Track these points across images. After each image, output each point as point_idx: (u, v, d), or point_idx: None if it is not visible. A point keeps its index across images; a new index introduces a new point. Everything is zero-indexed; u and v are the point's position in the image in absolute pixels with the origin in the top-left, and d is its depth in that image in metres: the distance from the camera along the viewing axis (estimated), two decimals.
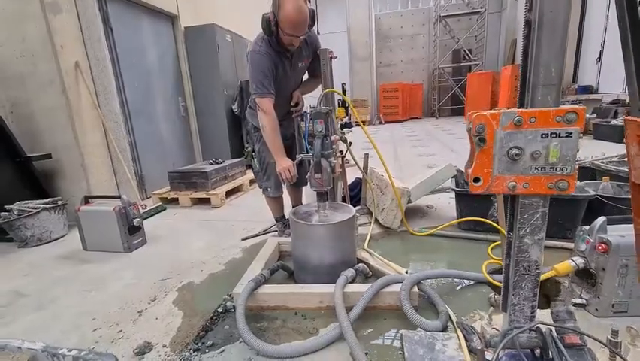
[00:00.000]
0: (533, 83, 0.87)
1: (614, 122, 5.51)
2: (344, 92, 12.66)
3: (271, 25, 1.71)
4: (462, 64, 13.53)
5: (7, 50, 2.83)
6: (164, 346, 1.40)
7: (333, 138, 1.87)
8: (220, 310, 1.60)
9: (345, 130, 10.54)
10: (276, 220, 2.38)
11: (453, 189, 2.29)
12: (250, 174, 3.96)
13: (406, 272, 1.73)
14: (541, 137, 0.86)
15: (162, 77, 4.11)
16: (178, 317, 1.59)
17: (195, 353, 1.34)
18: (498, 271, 1.72)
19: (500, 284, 1.34)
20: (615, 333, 1.00)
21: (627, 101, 6.26)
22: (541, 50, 0.84)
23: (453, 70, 13.79)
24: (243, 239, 2.48)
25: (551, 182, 0.88)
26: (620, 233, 1.34)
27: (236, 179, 3.89)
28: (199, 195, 3.41)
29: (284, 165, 1.85)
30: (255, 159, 2.19)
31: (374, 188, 2.58)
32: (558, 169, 0.87)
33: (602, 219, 1.39)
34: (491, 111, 0.89)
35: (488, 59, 13.02)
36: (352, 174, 3.15)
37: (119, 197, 2.41)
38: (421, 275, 1.57)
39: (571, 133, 0.84)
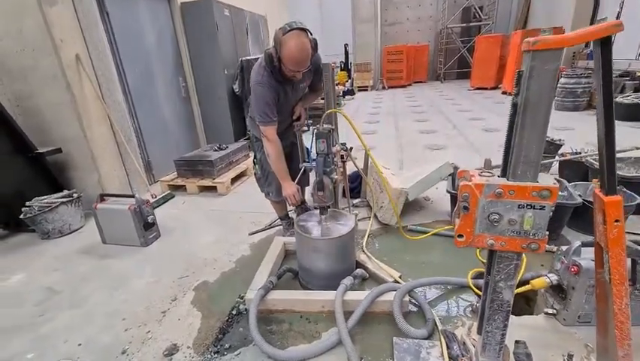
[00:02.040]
0: (515, 159, 0.96)
1: (619, 98, 5.41)
2: (346, 53, 12.26)
3: (274, 61, 1.73)
4: (471, 24, 12.89)
5: (7, 44, 2.81)
6: (188, 347, 1.63)
7: (334, 150, 1.96)
8: (234, 312, 1.82)
9: (347, 98, 10.37)
10: (280, 219, 2.53)
11: (449, 192, 2.42)
12: None
13: (400, 277, 1.93)
14: (518, 207, 0.98)
15: (161, 58, 4.05)
16: (197, 318, 1.82)
17: (216, 356, 1.57)
18: (481, 276, 1.91)
19: (480, 293, 1.53)
20: (570, 357, 1.19)
21: (638, 74, 6.10)
22: (524, 132, 0.93)
23: (461, 30, 13.16)
24: (251, 234, 2.66)
25: (524, 243, 1.01)
26: (592, 257, 1.49)
27: (240, 164, 4.00)
28: (205, 184, 3.55)
29: (289, 192, 1.96)
30: (257, 166, 2.29)
31: (374, 185, 2.71)
32: (531, 234, 1.00)
33: (577, 243, 1.53)
34: (476, 182, 0.99)
35: (500, 18, 12.37)
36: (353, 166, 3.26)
37: (132, 196, 2.56)
38: (411, 285, 1.76)
39: (544, 207, 0.96)
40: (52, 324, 1.86)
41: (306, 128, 5.52)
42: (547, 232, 0.99)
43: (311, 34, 1.68)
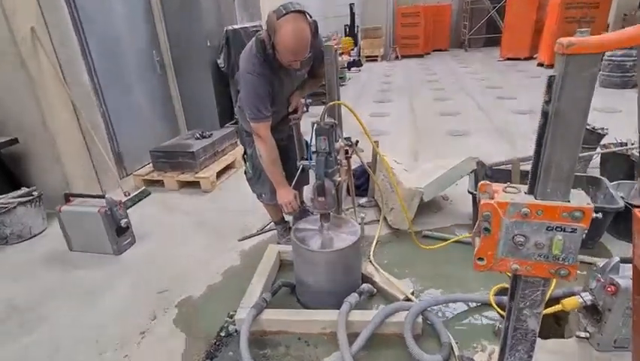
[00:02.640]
0: (544, 174, 0.99)
1: None
2: (352, 15, 12.08)
3: (266, 49, 1.74)
4: None
5: None
6: None
7: (337, 146, 1.99)
8: (223, 333, 1.89)
9: (352, 70, 10.29)
10: (275, 224, 2.58)
11: (470, 193, 2.46)
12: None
13: (412, 293, 1.99)
14: (547, 229, 1.01)
15: (132, 29, 4.02)
16: (181, 340, 1.89)
17: None
18: (506, 292, 1.97)
19: (504, 313, 1.59)
20: None
21: None
22: (555, 145, 0.95)
23: None
24: (241, 240, 2.71)
25: (553, 269, 1.06)
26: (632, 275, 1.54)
27: (226, 154, 4.03)
28: (186, 179, 3.59)
29: (286, 199, 2.00)
30: (248, 163, 2.31)
31: (383, 183, 2.75)
32: (560, 259, 1.04)
33: (615, 259, 1.58)
34: (499, 200, 1.02)
35: None
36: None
37: (102, 197, 2.60)
38: (426, 303, 1.82)
39: (576, 230, 0.99)
40: (11, 347, 1.93)
41: (305, 109, 5.51)
42: (579, 258, 1.03)
43: (310, 16, 1.69)
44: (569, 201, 1.00)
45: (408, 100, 6.69)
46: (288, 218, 2.54)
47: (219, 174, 3.76)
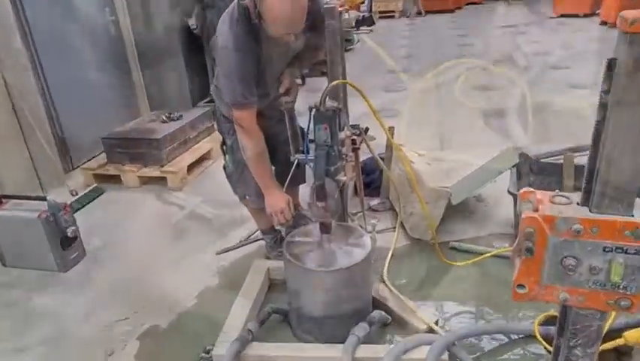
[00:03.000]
0: (601, 183, 1.01)
1: None
2: None
3: (251, 18, 1.74)
4: None
5: None
6: None
7: (342, 136, 2.00)
8: None
9: (362, 30, 10.24)
10: (263, 233, 2.61)
11: (511, 193, 2.48)
12: None
13: (437, 322, 2.02)
14: (604, 250, 1.03)
15: None
16: None
17: None
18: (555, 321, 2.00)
19: (551, 347, 1.62)
20: None
21: None
22: (616, 146, 0.97)
23: None
24: (219, 253, 2.74)
25: (611, 299, 1.08)
26: None
27: (200, 142, 4.05)
28: (150, 173, 3.61)
29: (276, 207, 2.01)
30: (228, 156, 2.32)
31: (400, 181, 2.77)
32: (621, 287, 1.06)
33: None
34: (544, 213, 1.04)
35: None
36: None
37: (43, 198, 2.63)
38: (453, 336, 1.85)
39: None
40: None
41: (300, 82, 5.52)
42: None
43: None
44: (632, 216, 1.02)
45: (432, 70, 6.67)
46: (280, 226, 2.57)
47: (191, 167, 3.79)
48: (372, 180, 3.15)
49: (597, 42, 7.66)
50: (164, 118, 3.95)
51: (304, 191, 2.53)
